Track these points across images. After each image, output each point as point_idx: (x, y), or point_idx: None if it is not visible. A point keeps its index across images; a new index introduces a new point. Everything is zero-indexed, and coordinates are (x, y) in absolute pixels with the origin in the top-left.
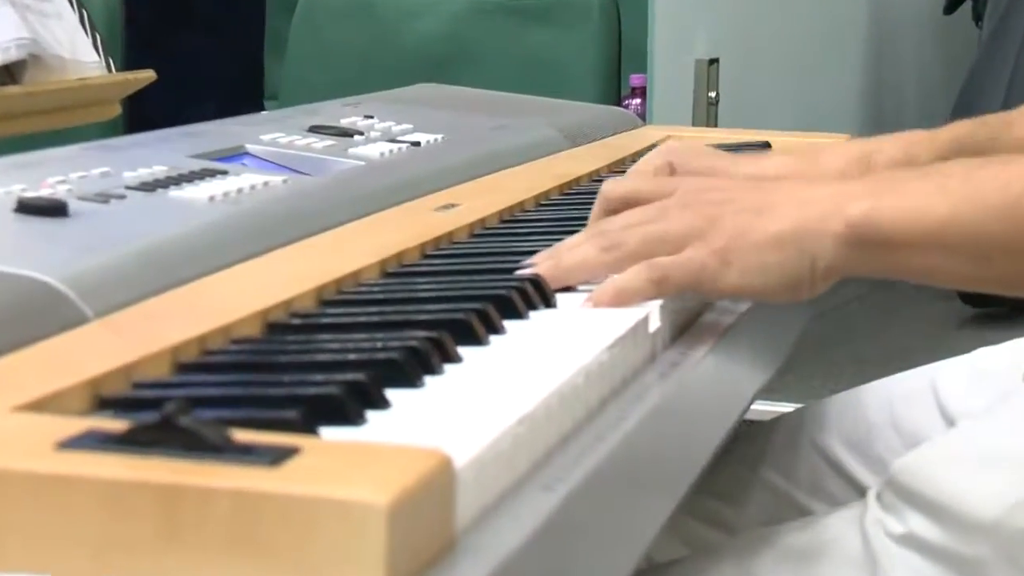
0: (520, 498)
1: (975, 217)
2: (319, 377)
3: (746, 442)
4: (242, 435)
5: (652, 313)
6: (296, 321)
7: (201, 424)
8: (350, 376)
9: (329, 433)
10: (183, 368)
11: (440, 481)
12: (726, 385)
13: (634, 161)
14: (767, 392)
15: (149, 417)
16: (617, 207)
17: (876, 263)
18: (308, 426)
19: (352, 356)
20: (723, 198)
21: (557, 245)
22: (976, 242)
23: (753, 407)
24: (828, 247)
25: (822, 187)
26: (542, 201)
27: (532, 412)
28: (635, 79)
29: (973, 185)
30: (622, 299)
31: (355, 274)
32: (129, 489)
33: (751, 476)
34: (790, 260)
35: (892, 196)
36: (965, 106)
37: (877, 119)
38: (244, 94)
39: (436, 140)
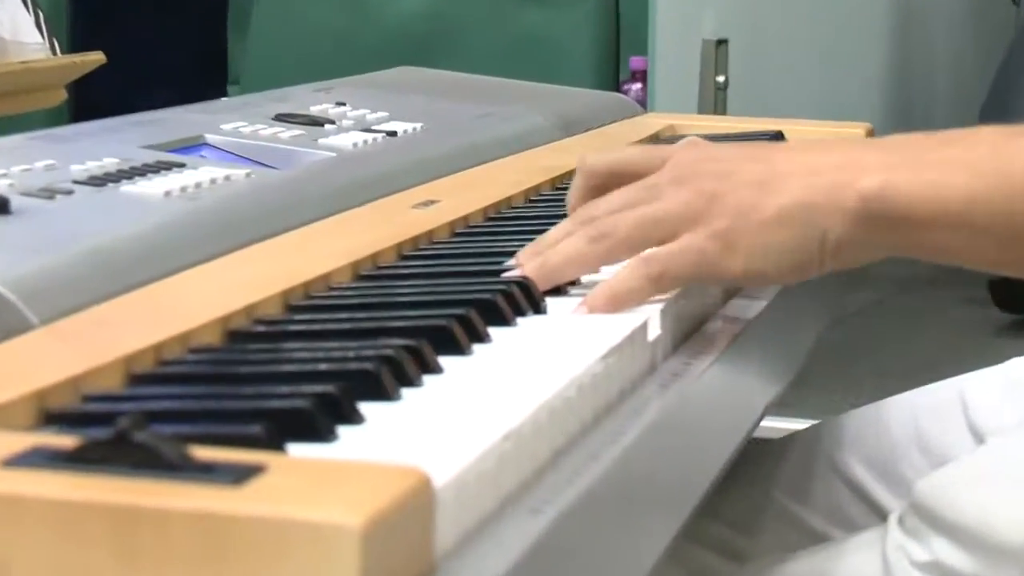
0: (505, 521)
1: (1001, 195)
2: (286, 389)
3: (756, 462)
4: (202, 452)
5: (652, 319)
6: (260, 328)
7: (158, 440)
8: (320, 388)
9: (297, 450)
10: (137, 380)
11: (418, 502)
12: (734, 398)
13: None
14: (779, 407)
15: (101, 433)
16: (600, 183)
17: (891, 240)
18: (274, 442)
19: (322, 366)
20: (722, 170)
21: (540, 239)
22: (1000, 223)
23: (764, 423)
24: (838, 221)
25: (833, 152)
26: (531, 197)
27: (519, 427)
28: (635, 62)
29: (1001, 159)
30: (618, 302)
31: (325, 277)
32: (81, 511)
33: (762, 499)
34: (797, 237)
35: (909, 168)
36: (1001, 92)
37: (904, 106)
38: (203, 78)
39: (415, 129)
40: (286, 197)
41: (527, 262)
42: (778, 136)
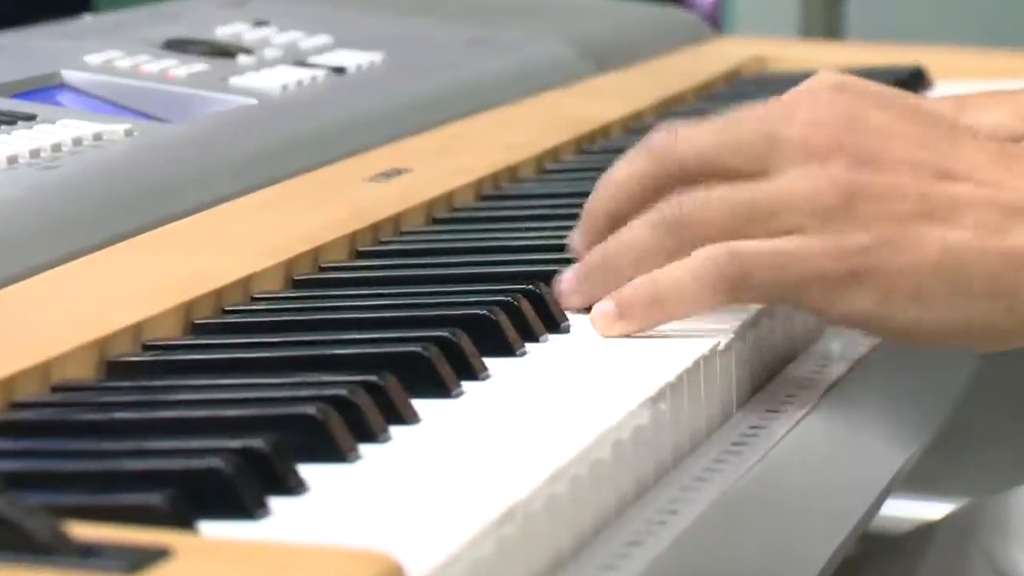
0: None
1: None
2: (194, 443)
3: (879, 561)
4: (83, 529)
5: (722, 343)
6: (153, 356)
7: (23, 513)
8: (242, 442)
9: (212, 528)
10: None
11: None
12: (844, 466)
13: (700, 96)
14: (914, 481)
15: None
16: (683, 179)
17: None
18: (180, 516)
19: (244, 411)
20: (881, 150)
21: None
22: None
23: (891, 507)
24: None
25: None
26: (548, 165)
27: (527, 502)
28: None
29: None
30: (662, 311)
31: (245, 282)
32: None
33: None
34: (970, 298)
35: None
36: None
37: None
38: None
39: (373, 63)
40: (185, 165)
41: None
42: (917, 75)
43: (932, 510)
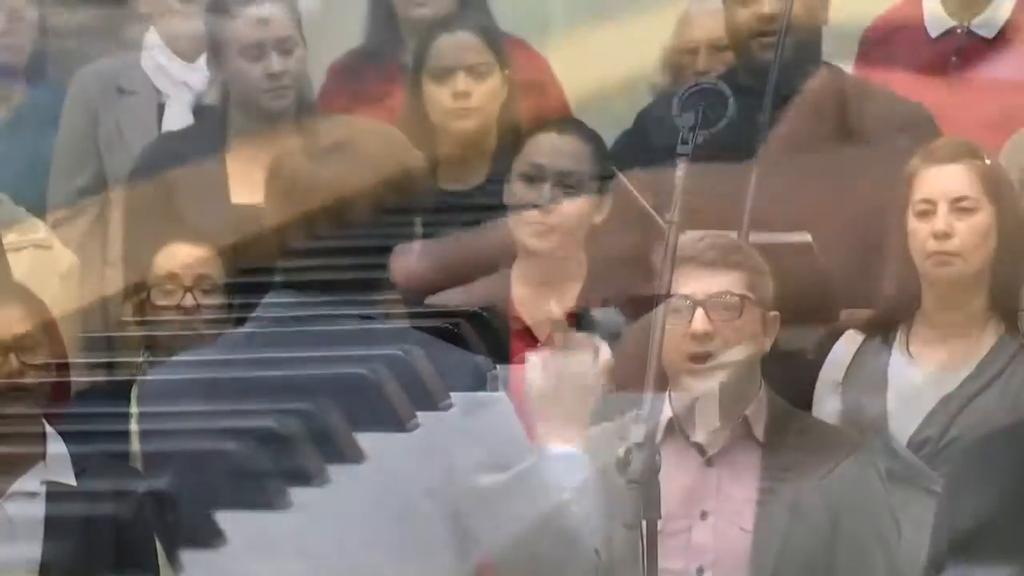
0: None
1: None
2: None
3: None
4: None
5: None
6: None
7: None
8: (145, 484)
9: None
10: None
11: None
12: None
13: (722, 49)
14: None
15: None
16: None
17: None
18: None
19: (151, 447)
20: None
21: None
22: None
23: None
24: None
25: None
26: (526, 144)
27: (500, 558)
28: None
29: None
30: None
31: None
32: None
33: None
34: None
35: None
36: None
37: None
38: None
39: (310, 12)
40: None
41: None
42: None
43: None
